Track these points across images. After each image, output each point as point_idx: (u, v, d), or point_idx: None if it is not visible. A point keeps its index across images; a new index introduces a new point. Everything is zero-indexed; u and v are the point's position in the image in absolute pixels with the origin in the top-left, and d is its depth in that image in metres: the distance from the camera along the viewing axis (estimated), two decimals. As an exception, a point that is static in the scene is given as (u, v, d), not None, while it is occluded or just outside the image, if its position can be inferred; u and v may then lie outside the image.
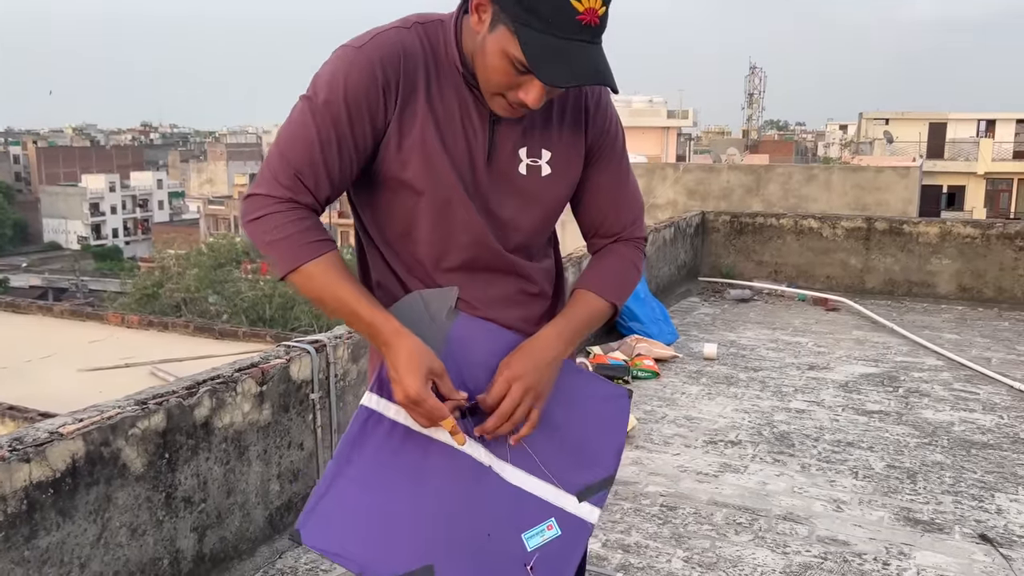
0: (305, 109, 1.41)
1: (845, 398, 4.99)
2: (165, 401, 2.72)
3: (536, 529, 1.47)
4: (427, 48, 1.44)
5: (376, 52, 1.40)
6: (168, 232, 51.61)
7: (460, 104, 1.44)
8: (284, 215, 1.40)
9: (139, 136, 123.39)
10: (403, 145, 1.43)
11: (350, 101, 1.39)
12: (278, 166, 1.41)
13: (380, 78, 1.39)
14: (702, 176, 21.53)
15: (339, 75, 1.39)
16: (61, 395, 6.37)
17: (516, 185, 1.50)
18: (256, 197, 1.42)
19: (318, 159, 1.40)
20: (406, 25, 1.45)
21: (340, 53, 1.42)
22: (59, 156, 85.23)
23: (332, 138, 1.40)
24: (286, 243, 1.40)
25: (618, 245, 1.64)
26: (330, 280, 1.41)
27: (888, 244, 8.02)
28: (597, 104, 1.55)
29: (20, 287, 47.05)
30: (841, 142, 46.39)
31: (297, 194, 1.41)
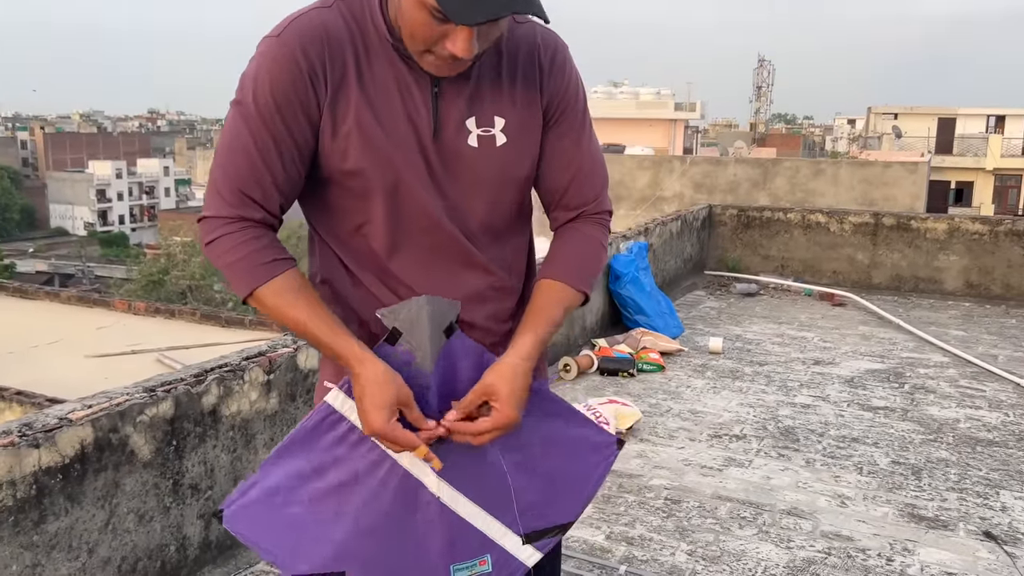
0: (236, 116, 1.33)
1: (851, 394, 4.99)
2: (173, 388, 2.73)
3: (468, 563, 1.41)
4: (352, 25, 1.33)
5: (296, 39, 1.30)
6: (174, 219, 51.66)
7: (396, 79, 1.34)
8: (235, 236, 1.32)
9: (146, 123, 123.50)
10: (339, 132, 1.33)
11: (278, 98, 1.30)
12: (222, 183, 1.33)
13: (304, 66, 1.29)
14: (709, 169, 21.49)
15: (262, 71, 1.30)
16: (68, 381, 6.41)
17: (468, 160, 1.37)
18: (207, 220, 1.35)
19: (259, 168, 1.32)
20: (327, 3, 1.35)
21: (262, 46, 1.32)
22: (66, 142, 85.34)
23: (268, 142, 1.31)
24: (239, 266, 1.32)
25: (582, 223, 1.50)
26: (285, 302, 1.33)
27: (895, 240, 8.00)
28: (552, 61, 1.42)
29: (26, 272, 47.18)
30: (849, 136, 46.23)
31: (245, 210, 1.33)
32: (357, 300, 1.43)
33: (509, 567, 1.43)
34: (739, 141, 37.88)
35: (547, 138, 1.44)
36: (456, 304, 1.39)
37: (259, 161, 1.32)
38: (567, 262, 1.47)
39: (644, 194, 21.54)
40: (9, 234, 66.00)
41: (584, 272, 1.47)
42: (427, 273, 1.40)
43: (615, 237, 6.40)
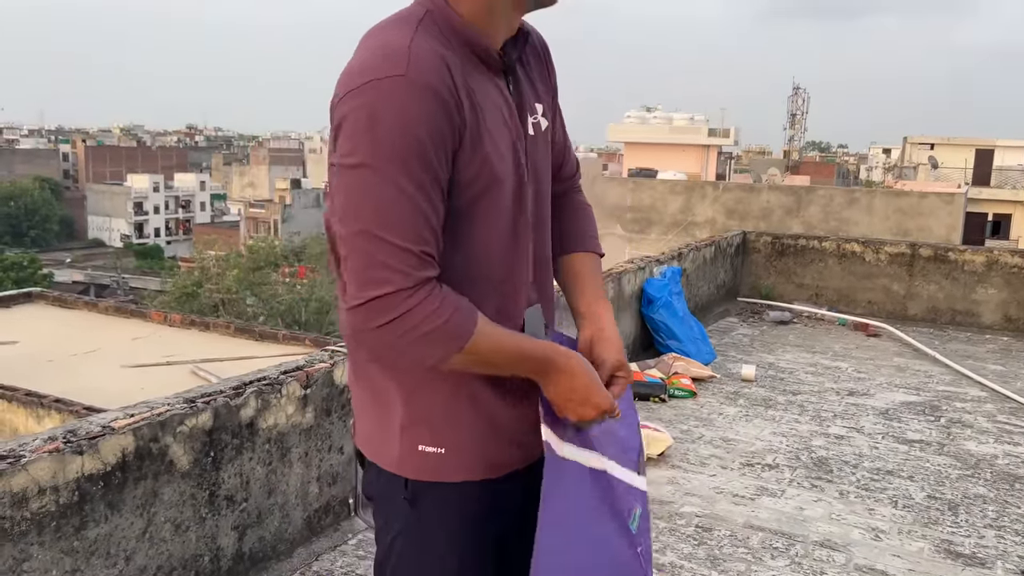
0: (376, 170, 1.21)
1: (885, 426, 4.93)
2: (213, 400, 2.77)
3: (633, 516, 1.55)
4: (447, 42, 1.30)
5: (428, 72, 1.23)
6: (209, 233, 52.35)
7: (490, 84, 1.36)
8: (428, 303, 1.23)
9: (184, 138, 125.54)
10: (478, 153, 1.29)
11: (433, 134, 1.22)
12: (388, 250, 1.21)
13: (448, 98, 1.24)
14: (742, 195, 21.42)
15: (405, 112, 1.20)
16: (105, 390, 6.51)
17: (537, 146, 1.46)
18: (385, 298, 1.22)
19: (429, 219, 1.24)
20: (412, 28, 1.29)
21: (387, 87, 1.21)
22: (106, 155, 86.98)
23: (429, 186, 1.23)
24: (442, 331, 1.24)
25: (575, 195, 1.67)
26: (495, 341, 1.32)
27: (932, 271, 7.91)
28: (547, 51, 1.55)
29: (63, 281, 48.02)
30: (884, 166, 45.84)
31: (427, 269, 1.24)
32: None
33: (644, 500, 1.61)
34: (772, 168, 37.73)
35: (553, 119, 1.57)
36: (539, 308, 1.49)
37: (427, 211, 1.23)
38: (588, 232, 1.65)
39: (676, 219, 21.51)
40: (48, 244, 67.28)
41: (597, 239, 1.67)
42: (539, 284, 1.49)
43: (648, 261, 6.40)
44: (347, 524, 3.31)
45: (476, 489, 1.41)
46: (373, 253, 1.22)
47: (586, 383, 1.39)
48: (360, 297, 1.23)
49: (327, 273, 28.48)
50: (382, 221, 1.22)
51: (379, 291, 1.22)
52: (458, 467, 1.41)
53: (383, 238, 1.22)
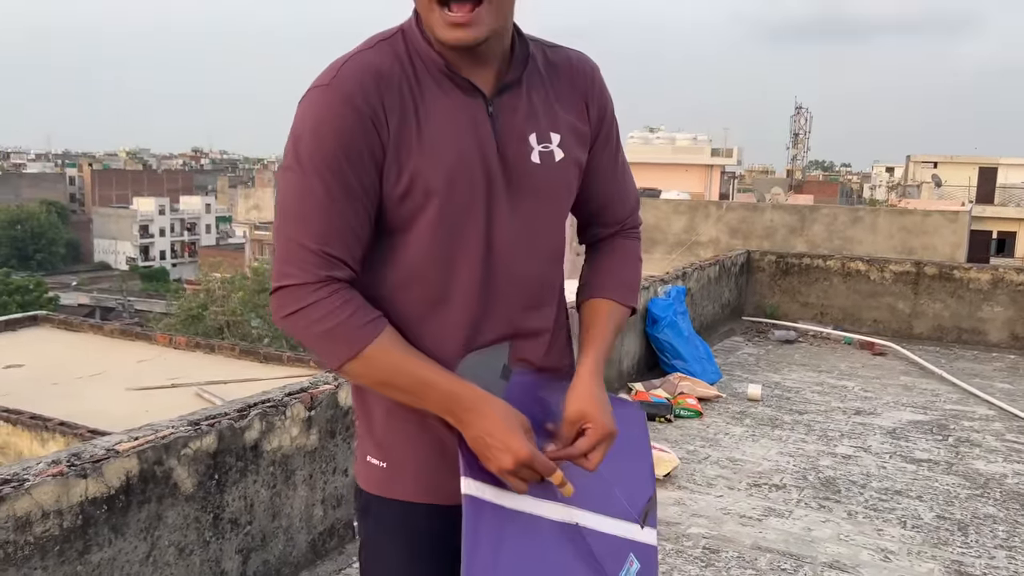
0: (297, 174, 1.27)
1: (893, 445, 4.90)
2: (217, 423, 2.77)
3: (624, 570, 1.45)
4: (400, 60, 1.32)
5: (351, 83, 1.27)
6: (214, 255, 52.50)
7: (453, 106, 1.33)
8: (328, 301, 1.27)
9: (190, 161, 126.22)
10: (405, 169, 1.30)
11: (344, 143, 1.26)
12: (296, 247, 1.28)
13: (365, 109, 1.27)
14: (745, 215, 21.42)
15: (321, 121, 1.26)
16: (109, 413, 6.50)
17: (534, 177, 1.37)
18: (288, 289, 1.28)
19: (338, 222, 1.28)
20: (370, 45, 1.34)
21: (311, 98, 1.29)
22: (112, 179, 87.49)
23: (339, 192, 1.27)
24: (337, 332, 1.27)
25: (622, 240, 1.56)
26: (396, 357, 1.29)
27: (938, 289, 7.89)
28: (594, 79, 1.47)
29: (69, 304, 48.12)
30: (888, 185, 45.89)
31: (331, 269, 1.28)
32: None
33: (647, 554, 1.49)
34: (776, 187, 37.78)
35: (594, 156, 1.48)
36: (503, 346, 1.39)
37: (335, 214, 1.27)
38: (616, 279, 1.52)
39: (680, 238, 21.51)
40: (54, 267, 67.49)
41: (632, 288, 1.53)
42: (490, 313, 1.38)
43: (652, 281, 6.39)
44: (352, 547, 3.29)
45: (423, 512, 1.39)
46: (285, 249, 1.30)
47: (500, 429, 1.27)
48: (273, 286, 1.31)
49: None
50: (293, 221, 1.29)
51: (284, 282, 1.29)
52: (400, 485, 1.40)
53: (292, 237, 1.29)
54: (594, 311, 1.50)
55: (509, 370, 1.39)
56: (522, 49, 1.39)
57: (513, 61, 1.37)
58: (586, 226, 1.57)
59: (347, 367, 1.29)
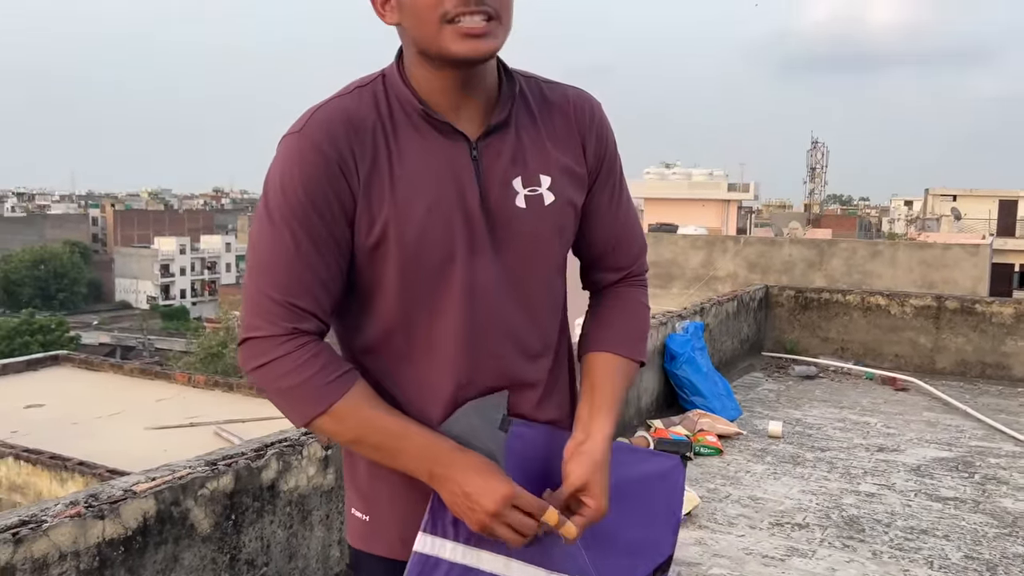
0: (266, 222, 1.24)
1: (917, 482, 4.82)
2: (234, 462, 2.76)
3: None
4: (376, 106, 1.28)
5: (319, 130, 1.24)
6: (234, 294, 52.85)
7: (432, 150, 1.28)
8: (294, 356, 1.22)
9: (210, 201, 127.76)
10: (377, 218, 1.25)
11: (312, 193, 1.22)
12: (263, 299, 1.24)
13: (333, 156, 1.23)
14: (763, 249, 21.36)
15: (289, 169, 1.23)
16: (129, 452, 6.52)
17: (519, 222, 1.31)
18: (253, 341, 1.24)
19: (305, 273, 1.23)
20: (346, 92, 1.30)
21: (282, 145, 1.26)
22: (134, 219, 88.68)
23: (307, 243, 1.23)
24: (305, 387, 1.22)
25: (627, 288, 1.48)
26: (367, 414, 1.24)
27: (959, 323, 7.81)
28: (592, 118, 1.39)
29: (90, 344, 48.53)
30: (906, 218, 45.68)
31: (298, 321, 1.23)
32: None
33: None
34: (793, 222, 37.71)
35: (594, 197, 1.41)
36: (502, 395, 1.32)
37: (302, 266, 1.23)
38: (623, 332, 1.44)
39: (697, 273, 21.46)
40: (76, 307, 68.18)
41: (639, 341, 1.45)
42: (475, 365, 1.32)
43: (670, 316, 6.37)
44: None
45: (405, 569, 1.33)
46: (252, 299, 1.25)
47: (481, 480, 1.20)
48: (239, 338, 1.27)
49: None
50: (260, 271, 1.25)
51: (250, 334, 1.25)
52: (384, 541, 1.35)
53: (259, 288, 1.25)
54: (602, 368, 1.41)
55: (508, 421, 1.32)
56: (509, 87, 1.33)
57: (500, 100, 1.32)
58: (588, 271, 1.50)
59: (316, 423, 1.24)
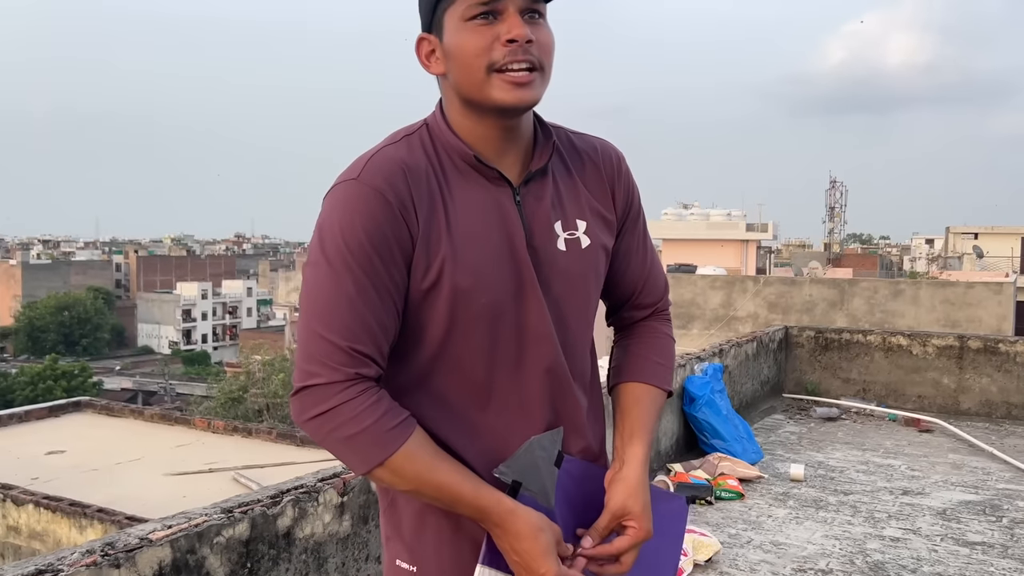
0: (324, 269, 1.25)
1: (943, 527, 4.72)
2: (250, 510, 2.76)
3: None
4: (426, 154, 1.33)
5: (378, 176, 1.27)
6: (255, 338, 53.11)
7: (481, 196, 1.33)
8: (357, 402, 1.23)
9: (232, 246, 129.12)
10: (434, 262, 1.29)
11: (374, 239, 1.25)
12: (322, 344, 1.24)
13: (394, 202, 1.26)
14: (783, 289, 21.26)
15: (349, 214, 1.25)
16: (148, 498, 6.53)
17: (561, 265, 1.37)
18: (313, 389, 1.24)
19: (367, 318, 1.24)
20: (394, 140, 1.35)
21: (339, 191, 1.28)
22: (157, 265, 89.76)
23: (369, 289, 1.25)
24: (367, 435, 1.23)
25: (654, 323, 1.56)
26: (423, 466, 1.25)
27: (983, 363, 7.71)
28: (619, 168, 1.48)
29: (112, 389, 48.84)
30: (928, 256, 45.35)
31: (360, 367, 1.24)
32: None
33: None
34: (813, 261, 37.52)
35: (623, 241, 1.49)
36: (558, 432, 1.38)
37: (364, 310, 1.24)
38: (652, 363, 1.51)
39: (717, 314, 21.37)
40: (99, 352, 68.79)
41: (667, 370, 1.52)
42: (525, 405, 1.37)
43: (688, 359, 6.33)
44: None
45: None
46: (310, 346, 1.25)
47: (528, 548, 1.25)
48: (296, 386, 1.26)
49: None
50: (319, 317, 1.25)
51: (309, 382, 1.24)
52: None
53: (319, 333, 1.24)
54: (633, 397, 1.47)
55: (562, 456, 1.36)
56: (545, 137, 1.40)
57: (537, 149, 1.38)
58: (618, 310, 1.57)
59: (375, 472, 1.25)
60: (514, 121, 1.34)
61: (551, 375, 1.38)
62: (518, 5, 1.27)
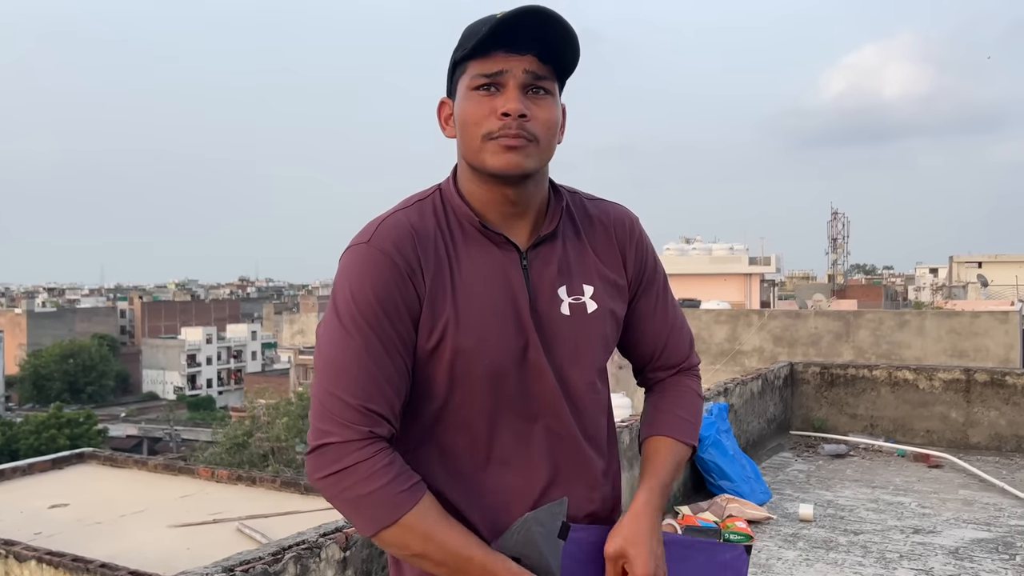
0: (336, 330, 1.29)
1: (957, 566, 4.65)
2: (251, 568, 2.73)
3: None
4: (435, 218, 1.37)
5: (387, 240, 1.32)
6: (260, 382, 53.07)
7: (488, 260, 1.37)
8: (372, 462, 1.25)
9: (236, 290, 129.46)
10: (438, 323, 1.32)
11: (383, 301, 1.29)
12: (336, 404, 1.27)
13: (402, 265, 1.31)
14: (788, 323, 21.20)
15: (359, 277, 1.30)
16: (151, 552, 6.46)
17: (564, 329, 1.40)
18: (327, 448, 1.26)
19: (378, 378, 1.28)
20: (406, 205, 1.39)
21: (351, 255, 1.33)
22: (161, 310, 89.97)
23: (380, 349, 1.28)
24: (377, 496, 1.24)
25: (681, 377, 1.58)
26: (432, 528, 1.26)
27: (991, 396, 7.65)
28: (631, 233, 1.51)
29: (118, 436, 48.66)
30: (932, 286, 45.32)
31: (373, 425, 1.27)
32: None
33: None
34: (818, 293, 37.50)
35: (638, 304, 1.52)
36: (562, 503, 1.37)
37: (376, 371, 1.28)
38: (674, 416, 1.53)
39: (722, 348, 21.28)
40: (104, 399, 68.67)
41: (690, 424, 1.54)
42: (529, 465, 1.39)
43: (694, 399, 6.29)
44: None
45: None
46: (324, 405, 1.28)
47: None
48: (311, 445, 1.28)
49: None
50: (332, 376, 1.28)
51: (324, 440, 1.26)
52: None
53: (332, 392, 1.27)
54: (653, 449, 1.49)
55: (567, 527, 1.35)
56: (557, 202, 1.44)
57: (549, 214, 1.42)
58: (645, 367, 1.60)
59: (383, 535, 1.26)
60: (517, 188, 1.37)
61: (556, 436, 1.40)
62: (519, 80, 1.31)
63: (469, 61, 1.33)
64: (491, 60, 1.31)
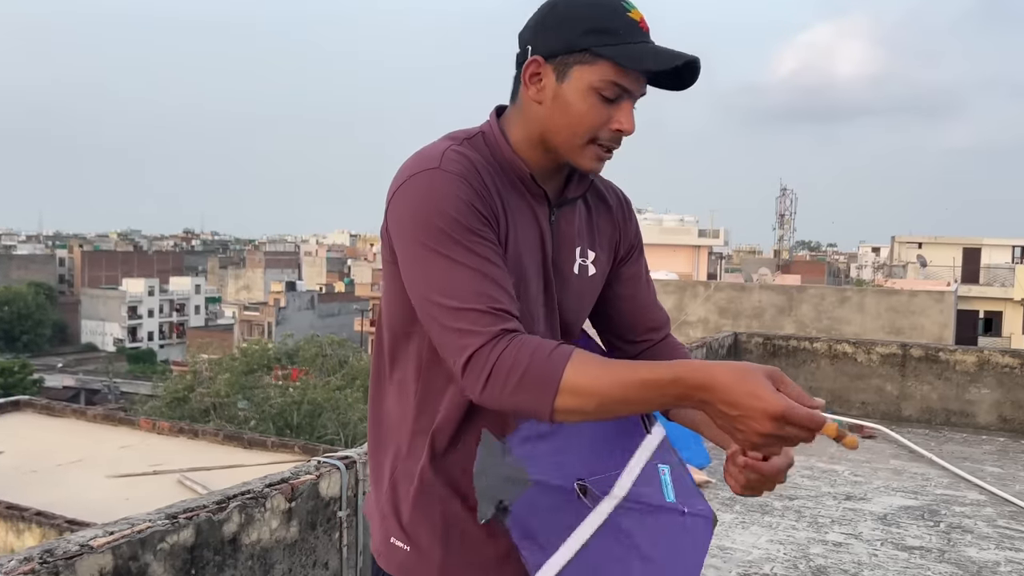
0: (434, 251, 1.28)
1: (884, 531, 4.84)
2: (195, 515, 2.72)
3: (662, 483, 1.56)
4: (487, 160, 1.39)
5: (458, 166, 1.32)
6: (202, 337, 52.30)
7: (530, 208, 1.42)
8: (510, 350, 1.23)
9: (181, 243, 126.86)
10: (509, 248, 1.37)
11: (475, 209, 1.30)
12: (465, 315, 1.25)
13: (479, 187, 1.32)
14: (733, 295, 21.57)
15: (444, 194, 1.28)
16: (89, 501, 6.37)
17: (572, 285, 1.49)
18: (473, 358, 1.24)
19: (491, 276, 1.28)
20: (457, 141, 1.39)
21: (423, 179, 1.30)
22: (102, 260, 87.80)
23: (484, 251, 1.29)
24: (530, 373, 1.21)
25: (670, 340, 1.66)
26: (599, 371, 1.21)
27: (924, 371, 7.91)
28: (627, 208, 1.63)
29: (54, 387, 47.62)
30: (874, 265, 46.42)
31: (503, 323, 1.25)
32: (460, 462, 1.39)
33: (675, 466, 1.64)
34: (763, 268, 38.14)
35: (627, 273, 1.61)
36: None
37: (490, 273, 1.28)
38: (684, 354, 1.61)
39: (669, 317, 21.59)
40: (40, 349, 67.05)
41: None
42: None
43: (640, 365, 6.38)
44: (332, 644, 3.20)
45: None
46: (450, 323, 1.26)
47: (740, 390, 1.12)
48: (456, 366, 1.26)
49: (320, 375, 28.36)
50: (448, 292, 1.26)
51: (464, 354, 1.25)
52: (425, 570, 1.39)
53: (453, 307, 1.26)
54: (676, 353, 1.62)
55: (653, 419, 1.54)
56: (583, 173, 1.50)
57: (573, 180, 1.49)
58: (637, 333, 1.62)
59: (558, 404, 1.20)
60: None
61: None
62: (635, 99, 1.38)
63: (606, 61, 1.32)
64: (631, 76, 1.34)
